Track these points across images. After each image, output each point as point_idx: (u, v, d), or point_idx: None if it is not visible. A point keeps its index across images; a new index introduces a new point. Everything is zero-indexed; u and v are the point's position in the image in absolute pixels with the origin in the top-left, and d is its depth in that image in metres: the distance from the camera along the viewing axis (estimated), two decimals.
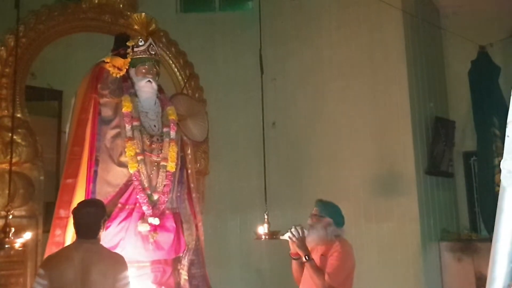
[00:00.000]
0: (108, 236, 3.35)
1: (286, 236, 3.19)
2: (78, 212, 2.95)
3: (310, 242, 3.22)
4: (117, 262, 2.90)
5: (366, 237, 5.28)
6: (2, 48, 3.87)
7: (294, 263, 3.34)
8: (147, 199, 3.50)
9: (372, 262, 5.21)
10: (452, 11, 6.22)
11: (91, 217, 2.93)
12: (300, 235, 3.15)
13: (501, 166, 1.30)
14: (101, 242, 3.02)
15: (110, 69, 3.66)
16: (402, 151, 5.41)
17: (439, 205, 5.67)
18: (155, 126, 3.77)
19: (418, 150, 5.43)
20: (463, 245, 5.33)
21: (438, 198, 5.69)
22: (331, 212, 3.32)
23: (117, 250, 3.25)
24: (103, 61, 3.72)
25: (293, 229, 3.17)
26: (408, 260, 5.22)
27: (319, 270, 3.06)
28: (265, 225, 3.67)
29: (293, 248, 3.21)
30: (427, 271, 5.21)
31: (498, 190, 1.33)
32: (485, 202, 5.61)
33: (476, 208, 5.94)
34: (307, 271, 3.11)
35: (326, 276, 3.03)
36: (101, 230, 2.99)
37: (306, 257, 3.09)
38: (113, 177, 3.56)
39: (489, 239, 5.35)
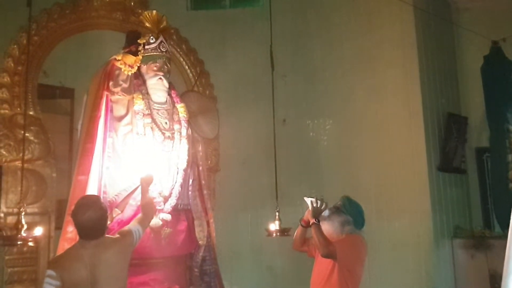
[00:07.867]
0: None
1: (309, 200, 3.32)
2: (79, 218, 2.76)
3: (324, 231, 3.25)
4: (124, 237, 2.91)
5: (378, 235, 5.23)
6: (15, 46, 3.91)
7: (300, 228, 3.49)
8: (158, 196, 3.51)
9: (385, 260, 5.18)
10: (464, 5, 6.16)
11: (94, 223, 2.76)
12: (321, 207, 3.28)
13: None
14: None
15: (121, 66, 3.67)
16: (414, 148, 5.37)
17: (451, 202, 5.62)
18: (166, 123, 3.77)
19: (430, 147, 5.39)
20: (476, 242, 5.28)
21: (450, 195, 5.64)
22: (353, 211, 3.35)
23: None
24: (115, 59, 3.73)
25: (318, 200, 3.30)
26: (420, 257, 5.18)
27: (324, 235, 3.18)
28: (276, 222, 3.69)
29: (307, 216, 3.34)
30: (440, 268, 5.17)
31: None
32: (498, 198, 5.57)
33: (489, 204, 5.89)
34: (314, 234, 3.21)
35: (334, 244, 3.16)
36: (106, 229, 2.91)
37: (317, 220, 3.23)
38: (125, 174, 3.57)
39: (502, 236, 5.30)
